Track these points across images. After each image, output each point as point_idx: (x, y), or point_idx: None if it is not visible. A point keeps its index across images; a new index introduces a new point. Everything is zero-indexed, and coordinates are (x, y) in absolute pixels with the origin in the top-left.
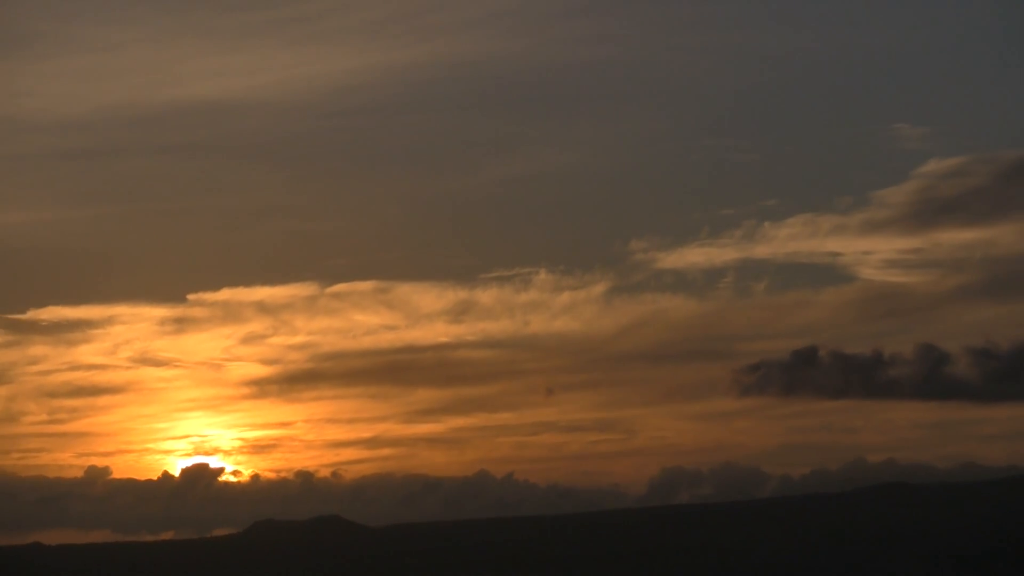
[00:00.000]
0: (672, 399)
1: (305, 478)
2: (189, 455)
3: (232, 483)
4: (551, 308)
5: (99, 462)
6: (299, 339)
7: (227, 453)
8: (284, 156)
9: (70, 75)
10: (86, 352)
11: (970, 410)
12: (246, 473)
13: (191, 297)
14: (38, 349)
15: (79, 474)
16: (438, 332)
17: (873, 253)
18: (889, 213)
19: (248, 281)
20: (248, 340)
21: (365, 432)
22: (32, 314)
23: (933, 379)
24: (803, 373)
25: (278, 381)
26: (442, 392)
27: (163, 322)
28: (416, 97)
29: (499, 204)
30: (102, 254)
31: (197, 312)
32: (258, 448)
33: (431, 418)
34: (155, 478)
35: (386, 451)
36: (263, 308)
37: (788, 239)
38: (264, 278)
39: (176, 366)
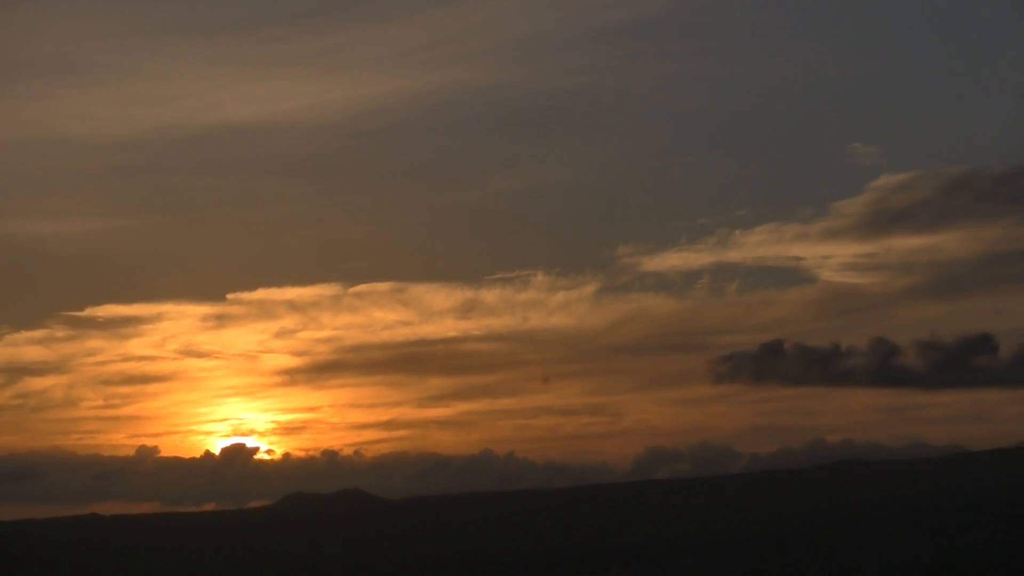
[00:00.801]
0: (654, 386)
1: (330, 456)
2: (228, 436)
3: (266, 461)
4: (547, 306)
5: (149, 442)
6: (325, 333)
7: (262, 434)
8: (313, 172)
9: (124, 100)
10: (137, 345)
11: (918, 396)
12: (278, 452)
13: (230, 296)
14: (95, 342)
15: (131, 453)
16: (447, 327)
17: (832, 257)
18: (846, 222)
19: (280, 282)
20: (280, 334)
21: (383, 415)
22: (89, 311)
23: (885, 369)
24: (770, 363)
25: (307, 371)
26: (451, 380)
27: (205, 318)
28: (429, 119)
29: (502, 214)
30: (151, 258)
31: (235, 310)
32: (289, 430)
33: (441, 403)
34: (198, 456)
35: (402, 432)
36: (293, 306)
37: (756, 245)
38: (294, 279)
39: (217, 357)
